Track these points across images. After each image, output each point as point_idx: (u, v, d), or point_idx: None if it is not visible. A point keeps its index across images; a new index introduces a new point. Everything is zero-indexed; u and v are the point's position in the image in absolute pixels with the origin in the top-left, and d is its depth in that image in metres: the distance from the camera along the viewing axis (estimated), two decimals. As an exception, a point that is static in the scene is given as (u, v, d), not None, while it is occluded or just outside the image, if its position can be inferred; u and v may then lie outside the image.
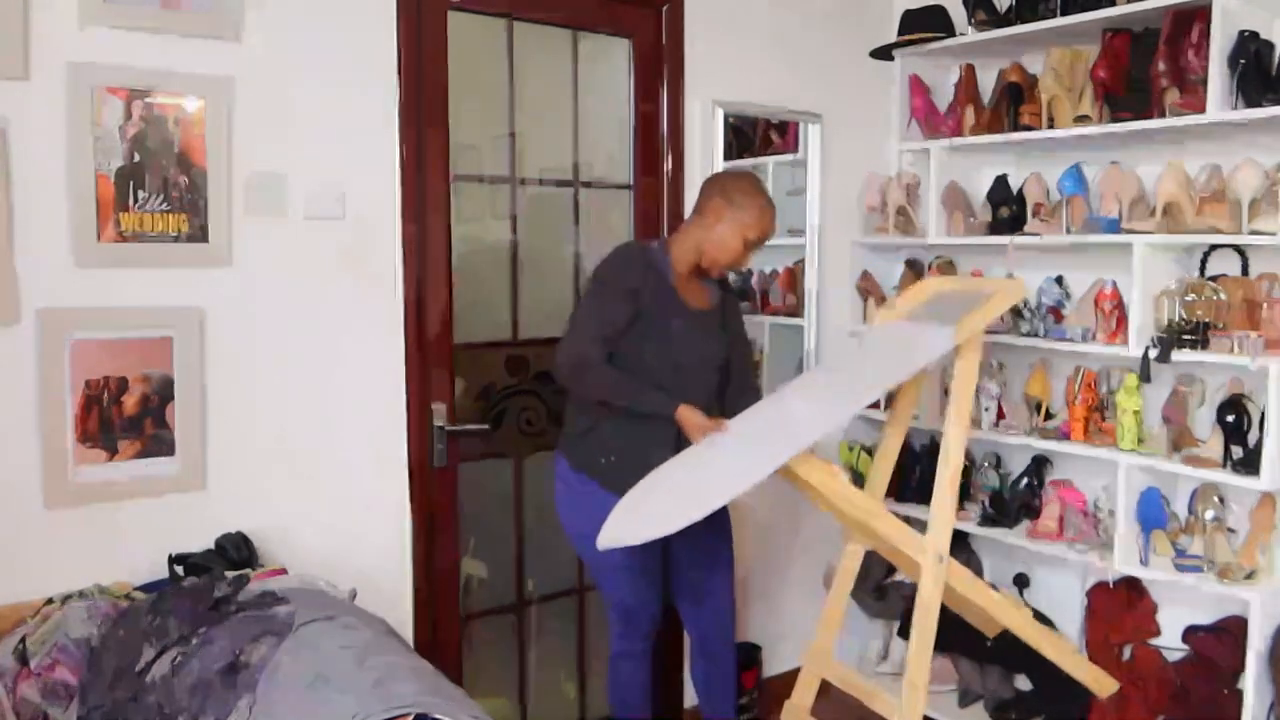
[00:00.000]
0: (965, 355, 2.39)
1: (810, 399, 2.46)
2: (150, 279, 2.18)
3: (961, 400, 2.40)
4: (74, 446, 2.11)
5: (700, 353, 2.46)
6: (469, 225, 2.73)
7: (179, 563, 2.17)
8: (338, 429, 2.46)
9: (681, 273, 2.46)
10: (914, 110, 3.37)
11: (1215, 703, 2.66)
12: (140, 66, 2.13)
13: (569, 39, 2.88)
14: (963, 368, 2.40)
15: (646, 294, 2.38)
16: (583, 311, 2.41)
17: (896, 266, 3.54)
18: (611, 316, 2.35)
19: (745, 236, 2.41)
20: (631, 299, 2.36)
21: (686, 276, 2.47)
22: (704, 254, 2.44)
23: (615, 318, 2.35)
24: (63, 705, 1.83)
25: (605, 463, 2.40)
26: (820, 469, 2.30)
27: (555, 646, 3.05)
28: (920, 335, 2.38)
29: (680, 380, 2.40)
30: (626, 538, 2.13)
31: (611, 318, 2.35)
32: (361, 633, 1.81)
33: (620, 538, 2.14)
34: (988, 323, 2.36)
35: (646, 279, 2.39)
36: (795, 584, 3.48)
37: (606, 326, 2.34)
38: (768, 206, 2.44)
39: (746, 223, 2.41)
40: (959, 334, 2.31)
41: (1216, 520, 2.72)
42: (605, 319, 2.35)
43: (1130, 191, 2.83)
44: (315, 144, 2.38)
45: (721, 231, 2.41)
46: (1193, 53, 2.67)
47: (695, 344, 2.44)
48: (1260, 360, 2.47)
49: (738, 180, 2.48)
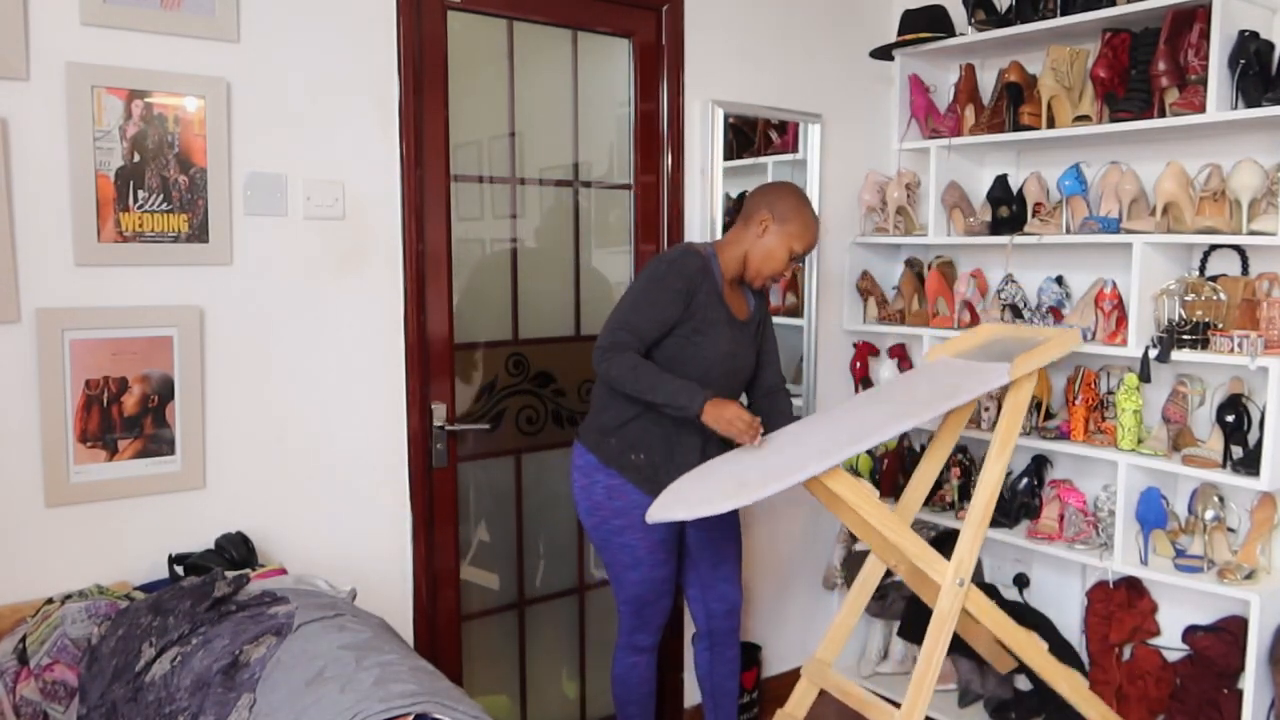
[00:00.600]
0: (1016, 393, 2.46)
1: (858, 414, 2.49)
2: (150, 278, 2.18)
3: (1007, 437, 2.46)
4: (74, 446, 2.11)
5: (734, 362, 2.50)
6: (469, 225, 2.73)
7: (179, 562, 2.17)
8: (338, 429, 2.46)
9: (728, 280, 2.51)
10: (914, 110, 3.37)
11: (1215, 703, 2.66)
12: (140, 66, 2.13)
13: (569, 39, 2.88)
14: (1012, 404, 2.45)
15: (700, 297, 2.41)
16: (630, 302, 2.42)
17: (896, 266, 3.55)
18: (661, 314, 2.38)
19: (791, 248, 2.47)
20: (684, 300, 2.39)
21: (730, 284, 2.52)
22: (749, 264, 2.50)
23: (665, 316, 2.38)
24: (63, 705, 1.83)
25: (634, 459, 2.45)
26: (852, 483, 2.34)
27: (555, 646, 3.05)
28: (976, 370, 2.45)
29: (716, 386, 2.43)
30: (678, 513, 2.18)
31: (661, 315, 2.38)
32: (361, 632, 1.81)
33: (672, 514, 2.19)
34: (1043, 364, 2.47)
35: (701, 283, 2.42)
36: (795, 584, 3.48)
37: (652, 322, 2.38)
38: (813, 219, 2.51)
39: (793, 234, 2.47)
40: (1014, 370, 2.37)
41: (1216, 520, 2.72)
42: (654, 315, 2.38)
43: (1130, 191, 2.83)
44: (315, 144, 2.38)
45: (768, 243, 2.47)
46: (1192, 52, 2.67)
47: (731, 353, 2.48)
48: (1260, 360, 2.47)
49: (783, 192, 2.52)
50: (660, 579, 2.53)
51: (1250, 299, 2.63)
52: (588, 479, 2.49)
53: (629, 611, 2.57)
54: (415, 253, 2.53)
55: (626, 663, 2.62)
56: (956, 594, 2.40)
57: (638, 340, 2.36)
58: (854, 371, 3.51)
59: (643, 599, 2.54)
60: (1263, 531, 2.66)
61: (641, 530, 2.46)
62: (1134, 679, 2.83)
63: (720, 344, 2.44)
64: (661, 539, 2.50)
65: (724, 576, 2.65)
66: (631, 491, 2.45)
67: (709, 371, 2.44)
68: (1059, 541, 2.95)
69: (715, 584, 2.64)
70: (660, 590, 2.55)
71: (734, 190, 3.27)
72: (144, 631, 1.82)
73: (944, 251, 3.43)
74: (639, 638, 2.59)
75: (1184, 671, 2.76)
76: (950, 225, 3.29)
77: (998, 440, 2.45)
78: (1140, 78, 2.78)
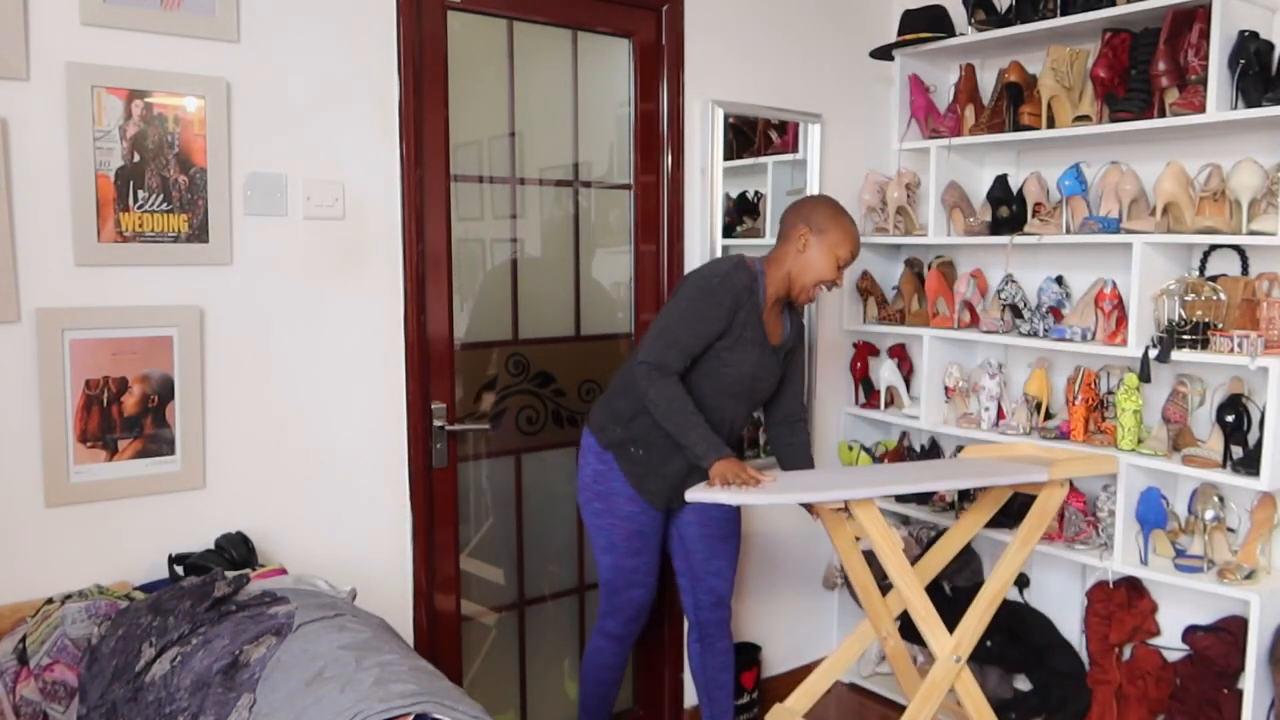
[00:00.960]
0: (1047, 495, 2.53)
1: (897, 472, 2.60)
2: (150, 278, 2.18)
3: (1030, 534, 2.53)
4: (74, 446, 2.11)
5: (754, 384, 2.52)
6: (469, 225, 2.73)
7: (179, 562, 2.17)
8: (338, 429, 2.46)
9: (770, 301, 2.52)
10: (914, 110, 3.37)
11: (1215, 703, 2.66)
12: (140, 66, 2.13)
13: (569, 39, 2.88)
14: (1042, 505, 2.53)
15: (741, 315, 2.43)
16: (679, 315, 2.41)
17: (896, 266, 3.54)
18: (708, 329, 2.41)
19: (837, 255, 2.49)
20: (730, 317, 2.41)
21: (772, 305, 2.54)
22: (793, 282, 2.52)
23: (711, 331, 2.41)
24: (62, 705, 1.83)
25: (634, 452, 2.50)
26: (882, 526, 2.37)
27: (555, 646, 3.05)
28: (1015, 466, 2.55)
29: (724, 405, 2.50)
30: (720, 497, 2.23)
31: (708, 330, 2.41)
32: (361, 632, 1.81)
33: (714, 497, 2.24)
34: (1081, 475, 2.63)
35: (746, 301, 2.44)
36: (796, 584, 3.48)
37: (699, 338, 2.40)
38: (851, 224, 2.53)
39: (835, 242, 2.49)
40: (1054, 471, 2.46)
41: (1216, 520, 2.72)
42: (702, 330, 2.40)
43: (1130, 191, 2.83)
44: (315, 144, 2.38)
45: (811, 256, 2.49)
46: (1192, 52, 2.67)
47: (754, 375, 2.50)
48: (1260, 360, 2.47)
49: (817, 204, 2.55)
50: (630, 568, 2.56)
51: (1250, 299, 2.63)
52: (584, 459, 2.57)
53: (603, 595, 2.63)
54: (415, 253, 2.53)
55: (594, 645, 2.69)
56: (951, 669, 2.46)
57: (684, 358, 2.40)
58: (854, 371, 3.51)
59: (613, 584, 2.59)
60: (1263, 531, 2.66)
61: (617, 517, 2.53)
62: (1134, 679, 2.83)
63: (745, 365, 2.46)
64: (638, 529, 2.54)
65: (715, 571, 2.67)
66: (618, 479, 2.51)
67: (729, 389, 2.48)
68: (1059, 541, 2.95)
69: (705, 577, 2.67)
70: (630, 580, 2.58)
71: (734, 190, 3.27)
72: (144, 631, 1.82)
73: (944, 251, 3.43)
74: (608, 623, 2.64)
75: (1184, 671, 2.76)
76: (950, 225, 3.29)
77: (1020, 536, 2.54)
78: (1140, 78, 2.78)
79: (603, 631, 2.66)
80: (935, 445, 3.42)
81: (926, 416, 3.25)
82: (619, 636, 2.65)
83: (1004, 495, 2.68)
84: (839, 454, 3.50)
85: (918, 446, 3.45)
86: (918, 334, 3.29)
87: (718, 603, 2.70)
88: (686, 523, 2.64)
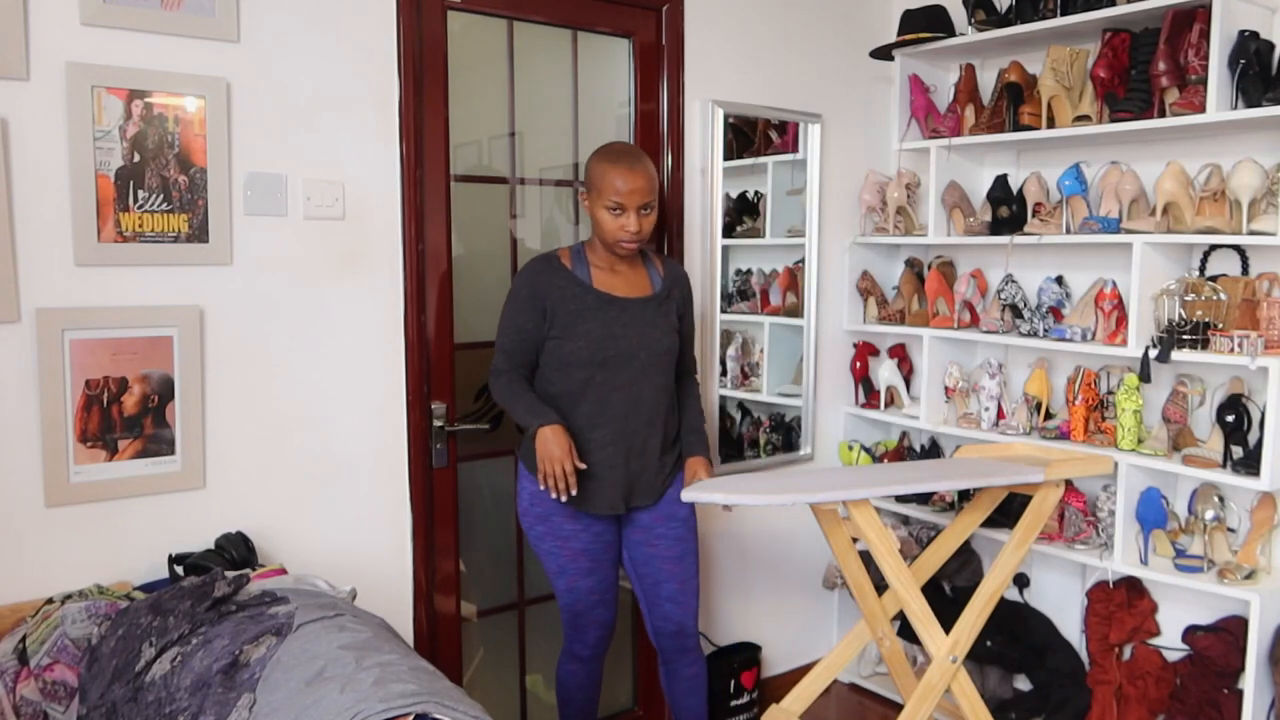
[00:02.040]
0: (1044, 496, 2.53)
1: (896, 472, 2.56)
2: (150, 278, 2.18)
3: (1026, 534, 2.53)
4: (74, 446, 2.11)
5: (624, 344, 2.37)
6: (469, 225, 2.73)
7: (179, 562, 2.17)
8: (338, 429, 2.46)
9: (602, 264, 2.42)
10: (914, 110, 3.37)
11: (1215, 703, 2.66)
12: (140, 66, 2.13)
13: (569, 39, 2.88)
14: (1038, 505, 2.53)
15: (554, 295, 2.36)
16: (499, 328, 2.43)
17: (896, 266, 3.55)
18: (518, 324, 2.38)
19: (607, 207, 2.33)
20: (534, 304, 2.36)
21: (610, 265, 2.43)
22: (600, 238, 2.40)
23: (522, 324, 2.37)
24: (63, 705, 1.83)
25: None
26: (879, 527, 2.36)
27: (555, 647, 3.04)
28: (1011, 466, 2.54)
29: (597, 379, 2.37)
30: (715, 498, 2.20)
31: (518, 325, 2.38)
32: (361, 632, 1.81)
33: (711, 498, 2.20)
34: (1076, 476, 2.63)
35: (550, 280, 2.37)
36: (796, 584, 3.48)
37: (513, 337, 2.38)
38: (614, 164, 2.33)
39: (600, 192, 2.33)
40: (1049, 472, 2.47)
41: (1216, 520, 2.72)
42: (512, 328, 2.39)
43: (1130, 191, 2.83)
44: (315, 144, 2.38)
45: (594, 216, 2.37)
46: (1193, 52, 2.67)
47: (611, 335, 2.36)
48: (1260, 360, 2.47)
49: (592, 159, 2.39)
50: (586, 589, 2.47)
51: (1250, 299, 2.63)
52: (519, 485, 2.49)
53: (564, 620, 2.54)
54: (415, 253, 2.53)
55: (565, 669, 2.61)
56: (947, 670, 2.45)
57: (507, 358, 2.39)
58: (854, 372, 3.51)
59: (573, 608, 2.50)
60: (1263, 531, 2.66)
61: (560, 539, 2.42)
62: (1134, 679, 2.83)
63: (593, 331, 2.34)
64: (584, 548, 2.43)
65: (668, 596, 2.51)
66: (544, 499, 2.39)
67: (591, 360, 2.35)
68: (1059, 541, 2.95)
69: (659, 602, 2.52)
70: (590, 601, 2.48)
71: (734, 190, 3.27)
72: (144, 631, 1.82)
73: (944, 251, 3.43)
74: (575, 646, 2.56)
75: (1184, 671, 2.76)
76: (950, 225, 3.29)
77: (1016, 536, 2.53)
78: (1140, 78, 2.78)
79: (570, 654, 2.57)
80: (935, 445, 3.42)
81: (926, 416, 3.25)
82: (587, 658, 2.57)
83: (1000, 496, 2.68)
84: (839, 454, 3.50)
85: (918, 446, 3.45)
86: (918, 334, 3.29)
87: (676, 632, 2.53)
88: (634, 542, 2.50)
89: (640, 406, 2.42)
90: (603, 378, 2.38)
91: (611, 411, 2.39)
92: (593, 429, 2.38)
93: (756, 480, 2.37)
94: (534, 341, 2.38)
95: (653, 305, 2.45)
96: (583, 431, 2.38)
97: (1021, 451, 2.76)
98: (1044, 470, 2.46)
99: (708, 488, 2.24)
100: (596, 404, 2.38)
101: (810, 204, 3.34)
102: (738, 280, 3.38)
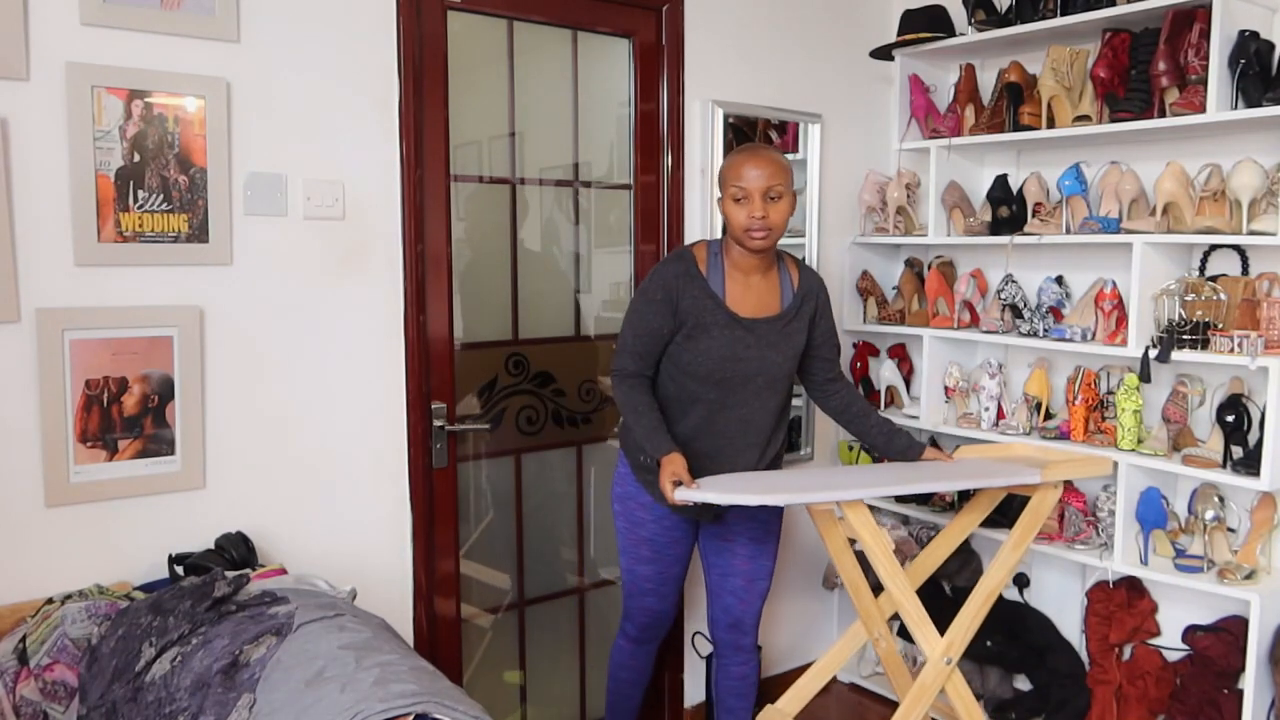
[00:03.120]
0: (1042, 497, 2.51)
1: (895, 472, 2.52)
2: (150, 278, 2.18)
3: (1022, 536, 2.51)
4: (74, 446, 2.11)
5: (741, 367, 2.36)
6: (469, 225, 2.73)
7: (179, 562, 2.17)
8: (338, 429, 2.46)
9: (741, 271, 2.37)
10: (914, 110, 3.37)
11: (1215, 703, 2.66)
12: (140, 66, 2.13)
13: (569, 39, 2.88)
14: (1036, 507, 2.52)
15: (686, 302, 2.33)
16: (626, 318, 2.42)
17: (896, 266, 3.54)
18: (648, 326, 2.36)
19: (733, 196, 2.30)
20: (667, 308, 2.33)
21: (745, 273, 2.38)
22: (733, 237, 2.35)
23: (652, 327, 2.35)
24: (63, 705, 1.83)
25: (643, 460, 2.47)
26: (873, 527, 2.36)
27: (555, 646, 3.05)
28: (1010, 468, 2.51)
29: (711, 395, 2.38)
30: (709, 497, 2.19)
31: (648, 327, 2.36)
32: (361, 632, 1.81)
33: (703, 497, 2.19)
34: (1074, 477, 2.59)
35: (684, 287, 2.33)
36: (795, 584, 3.48)
37: (642, 338, 2.37)
38: (744, 153, 2.32)
39: (727, 181, 2.32)
40: (1046, 474, 2.45)
41: (1216, 520, 2.72)
42: (643, 329, 2.36)
43: (1130, 191, 2.83)
44: (315, 144, 2.38)
45: (725, 209, 2.35)
46: (1193, 52, 2.67)
47: (733, 356, 2.34)
48: (1260, 360, 2.47)
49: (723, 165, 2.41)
50: (642, 575, 2.54)
51: (1250, 299, 2.63)
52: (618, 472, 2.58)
53: (622, 595, 2.63)
54: (415, 253, 2.53)
55: (615, 644, 2.71)
56: (941, 671, 2.44)
57: (635, 359, 2.38)
58: (854, 371, 3.51)
59: (626, 588, 2.60)
60: (1263, 531, 2.66)
61: (630, 521, 2.53)
62: (1134, 679, 2.83)
63: (715, 348, 2.33)
64: (649, 537, 2.51)
65: (732, 589, 2.57)
66: (630, 482, 2.51)
67: (710, 375, 2.35)
68: (1059, 541, 2.95)
69: (722, 594, 2.59)
70: (642, 587, 2.55)
71: (734, 190, 3.27)
72: (144, 631, 1.82)
73: (944, 251, 3.43)
74: (626, 625, 2.65)
75: (1184, 671, 2.76)
76: (950, 225, 3.29)
77: (1013, 538, 2.53)
78: (1140, 78, 2.78)
79: (622, 631, 2.67)
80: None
81: (926, 416, 3.25)
82: (635, 640, 2.64)
83: (998, 496, 2.66)
84: (839, 453, 3.50)
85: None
86: (918, 334, 3.29)
87: (733, 624, 2.58)
88: (711, 532, 2.56)
89: (749, 430, 2.43)
90: (716, 395, 2.38)
91: (717, 429, 2.40)
92: (694, 440, 2.41)
93: (751, 480, 2.36)
94: (664, 343, 2.38)
95: (778, 325, 2.40)
96: (682, 437, 2.40)
97: (1020, 452, 2.75)
98: (1041, 471, 2.45)
99: (704, 486, 2.23)
100: (704, 419, 2.40)
101: (810, 204, 3.34)
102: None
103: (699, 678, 3.20)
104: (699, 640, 3.20)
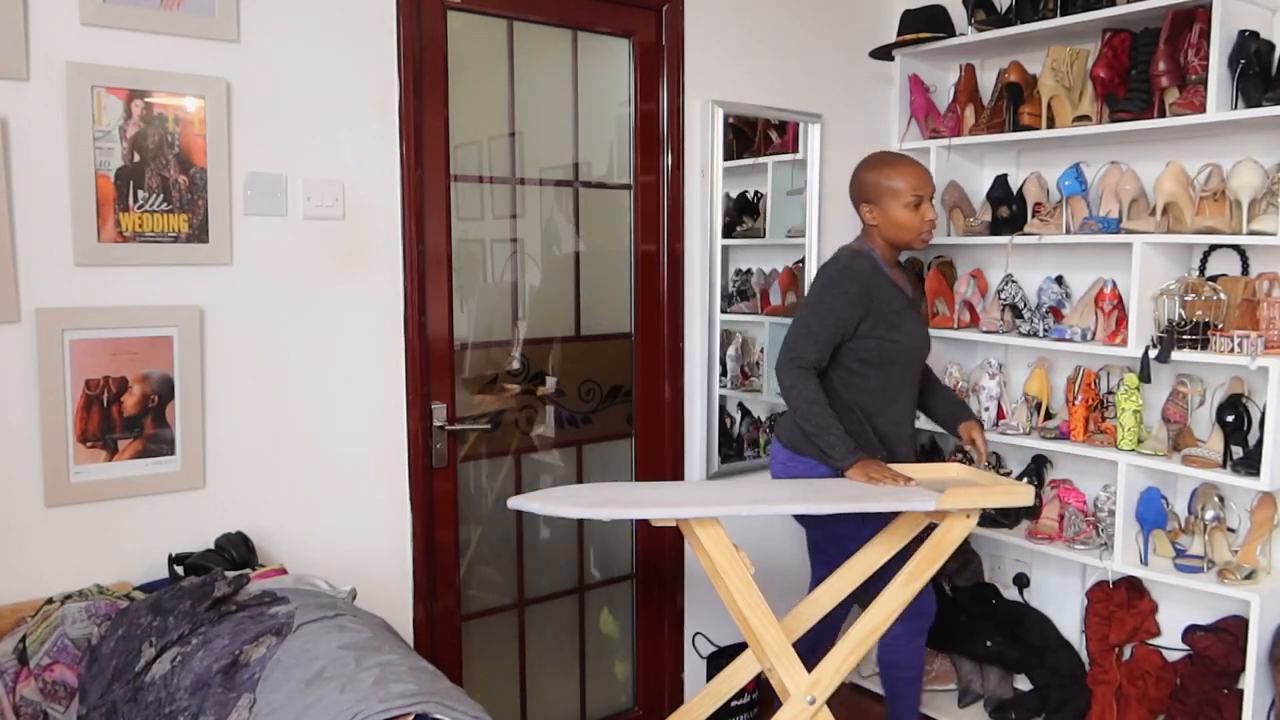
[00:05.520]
0: (947, 528, 2.33)
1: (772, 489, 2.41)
2: (150, 278, 2.18)
3: (919, 569, 2.33)
4: (74, 446, 2.11)
5: (922, 355, 2.63)
6: (469, 225, 2.73)
7: (179, 562, 2.17)
8: (338, 429, 2.46)
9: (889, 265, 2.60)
10: (914, 110, 3.37)
11: (1215, 703, 2.66)
12: (140, 66, 2.13)
13: (569, 39, 2.88)
14: (940, 537, 2.33)
15: (878, 294, 2.50)
16: (809, 310, 2.51)
17: (896, 266, 3.54)
18: (840, 318, 2.47)
19: (905, 204, 2.54)
20: (863, 301, 2.47)
21: (892, 269, 2.62)
22: (897, 242, 2.58)
23: (844, 319, 2.47)
24: (63, 705, 1.83)
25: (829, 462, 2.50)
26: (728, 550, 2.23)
27: (555, 646, 3.05)
28: (913, 491, 2.30)
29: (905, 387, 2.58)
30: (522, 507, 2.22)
31: (840, 319, 2.47)
32: (361, 632, 1.81)
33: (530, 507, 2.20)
34: (976, 507, 2.31)
35: (876, 280, 2.51)
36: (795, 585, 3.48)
37: (832, 328, 2.47)
38: (896, 165, 2.57)
39: (895, 194, 2.54)
40: (941, 501, 2.24)
41: (1216, 520, 2.72)
42: (833, 321, 2.47)
43: (1130, 191, 2.83)
44: (315, 144, 2.38)
45: (890, 219, 2.56)
46: (1193, 52, 2.67)
47: (925, 336, 2.63)
48: (1260, 360, 2.47)
49: (859, 176, 2.63)
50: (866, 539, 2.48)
51: (1250, 299, 2.63)
52: (784, 470, 2.61)
53: None
54: (415, 253, 2.53)
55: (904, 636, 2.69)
56: (804, 711, 2.28)
57: (818, 349, 2.46)
58: (854, 371, 3.51)
59: None
60: (1263, 531, 2.66)
61: None
62: (1134, 679, 2.83)
63: (916, 331, 2.57)
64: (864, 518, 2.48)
65: None
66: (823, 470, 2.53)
67: (914, 358, 2.57)
68: (1059, 541, 2.96)
69: None
70: None
71: (734, 190, 3.27)
72: (144, 631, 1.82)
73: (944, 251, 3.43)
74: None
75: (1184, 671, 2.76)
76: (950, 225, 3.29)
77: (908, 570, 2.34)
78: (1140, 78, 2.78)
79: None
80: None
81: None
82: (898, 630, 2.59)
83: (916, 526, 2.44)
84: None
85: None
86: (918, 334, 3.28)
87: None
88: None
89: (913, 404, 2.68)
90: (908, 377, 2.60)
91: (907, 410, 2.61)
92: (894, 425, 2.56)
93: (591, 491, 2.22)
94: (845, 336, 2.49)
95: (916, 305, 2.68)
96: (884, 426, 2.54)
97: (955, 474, 2.52)
98: (936, 498, 2.22)
99: (534, 496, 2.20)
100: (905, 402, 2.58)
101: (810, 204, 3.34)
102: (738, 280, 3.38)
103: (699, 678, 3.19)
104: (699, 640, 3.20)
